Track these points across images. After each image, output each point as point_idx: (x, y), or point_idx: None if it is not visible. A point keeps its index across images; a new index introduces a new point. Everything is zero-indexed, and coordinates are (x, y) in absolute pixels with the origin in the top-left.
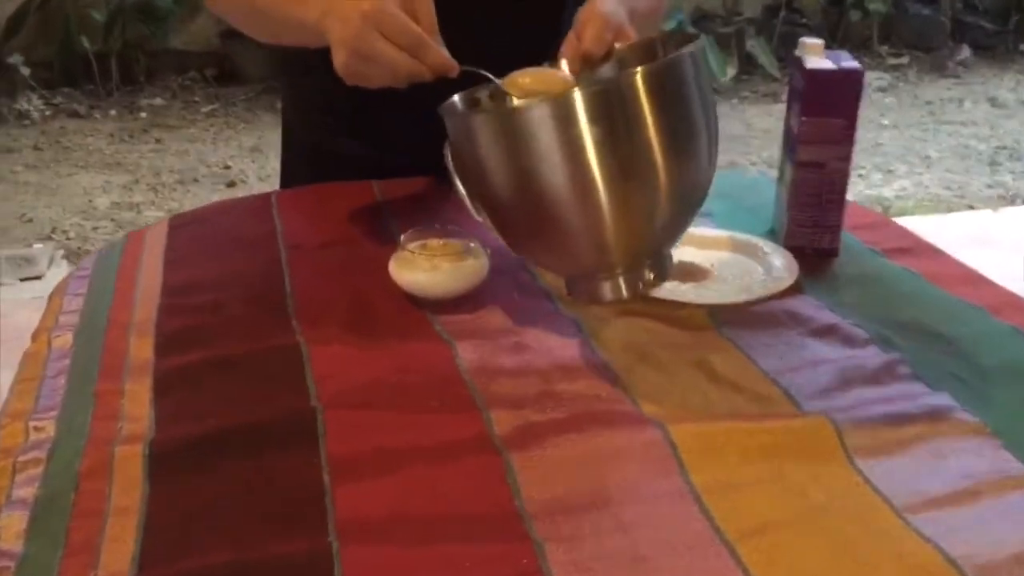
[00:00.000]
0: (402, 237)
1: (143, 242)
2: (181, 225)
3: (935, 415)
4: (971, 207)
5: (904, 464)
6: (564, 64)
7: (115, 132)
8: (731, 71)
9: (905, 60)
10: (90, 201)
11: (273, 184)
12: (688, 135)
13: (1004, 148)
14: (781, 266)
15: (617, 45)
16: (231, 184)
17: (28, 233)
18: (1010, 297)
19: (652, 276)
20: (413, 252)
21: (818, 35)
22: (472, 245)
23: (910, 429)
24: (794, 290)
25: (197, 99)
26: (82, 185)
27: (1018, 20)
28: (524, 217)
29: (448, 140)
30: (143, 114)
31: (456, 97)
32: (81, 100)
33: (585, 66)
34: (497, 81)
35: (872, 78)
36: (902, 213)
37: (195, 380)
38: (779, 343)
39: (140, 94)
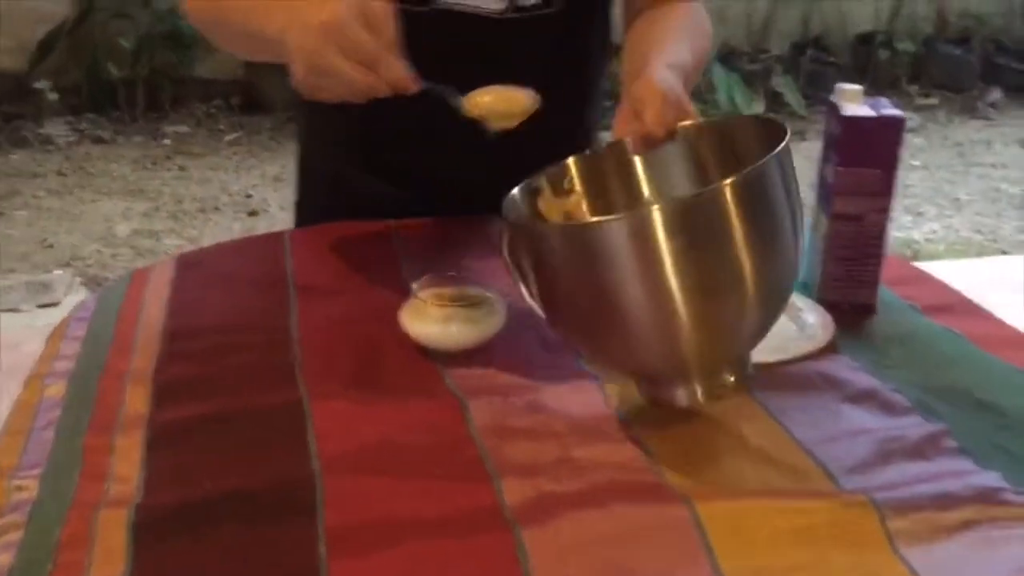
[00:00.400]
0: (414, 285)
1: (147, 281)
2: (189, 264)
3: (985, 496)
4: (1003, 252)
5: (952, 553)
6: (630, 144)
7: (138, 159)
8: (757, 108)
9: (935, 101)
10: (110, 228)
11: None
12: (775, 239)
13: None
14: (816, 323)
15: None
16: (252, 213)
17: (47, 259)
18: None
19: (732, 380)
20: (425, 301)
21: (846, 74)
22: (488, 295)
23: (958, 513)
24: (829, 349)
25: (222, 127)
26: (103, 212)
27: None
28: (593, 327)
29: (505, 230)
30: (167, 141)
31: (516, 191)
32: (106, 126)
33: (647, 147)
34: (458, 97)
35: (842, 84)
36: (932, 257)
37: (189, 437)
38: (814, 408)
39: (165, 121)
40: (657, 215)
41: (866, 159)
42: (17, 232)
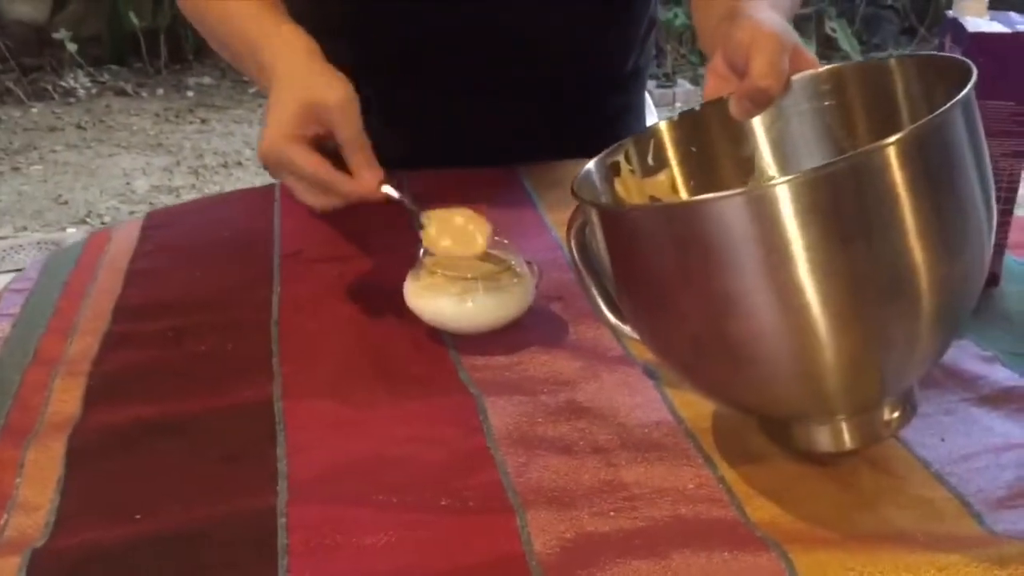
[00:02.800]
0: (422, 251)
1: (106, 245)
2: (158, 224)
3: None
4: None
5: None
6: (733, 104)
7: (160, 112)
8: (810, 53)
9: None
10: (128, 184)
11: None
12: (960, 222)
13: None
14: None
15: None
16: None
17: (62, 216)
18: None
19: (896, 416)
20: (436, 271)
21: (903, 18)
22: (514, 262)
23: None
24: None
25: (246, 79)
26: (122, 167)
27: None
28: (698, 341)
29: (574, 223)
30: (190, 93)
31: (592, 165)
32: (128, 78)
33: (756, 105)
34: (419, 218)
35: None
36: None
37: (122, 450)
38: (939, 415)
39: (188, 72)
40: (785, 192)
41: (998, 89)
42: (31, 188)
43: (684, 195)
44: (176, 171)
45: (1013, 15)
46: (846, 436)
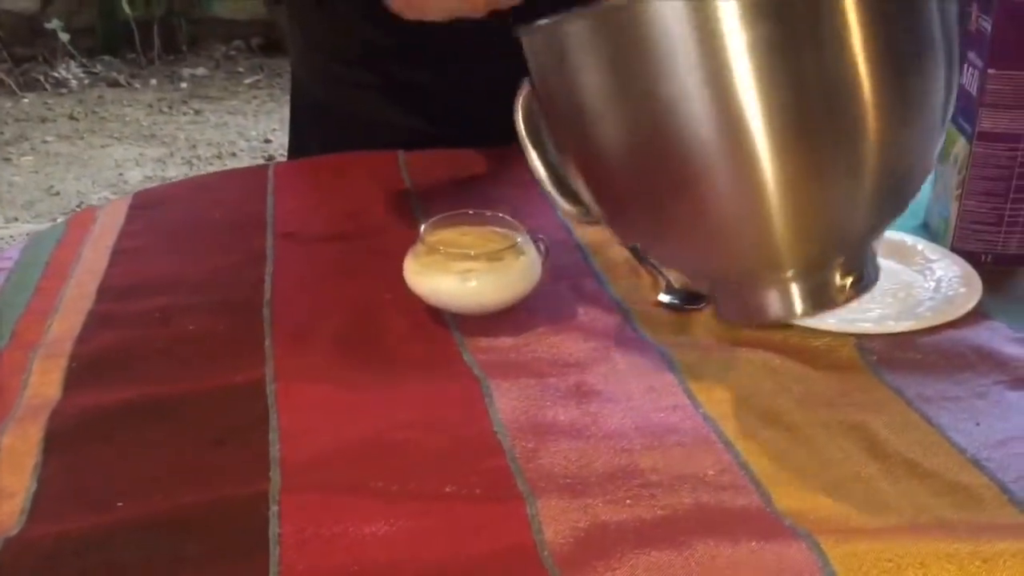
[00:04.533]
0: (423, 227)
1: (92, 224)
2: (147, 203)
3: None
4: None
5: None
6: None
7: (154, 102)
8: None
9: None
10: (121, 175)
11: None
12: (915, 52)
13: None
14: (955, 278)
15: None
16: (270, 159)
17: (53, 207)
18: None
19: (850, 280)
20: (437, 248)
21: None
22: (520, 239)
23: None
24: (976, 314)
25: (241, 69)
26: (114, 157)
27: None
28: (644, 186)
29: (522, 87)
30: (184, 84)
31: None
32: (121, 68)
33: None
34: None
35: None
36: None
37: (102, 434)
38: (972, 398)
39: (182, 63)
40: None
41: None
42: (22, 179)
43: None
44: (169, 162)
45: None
46: (796, 299)
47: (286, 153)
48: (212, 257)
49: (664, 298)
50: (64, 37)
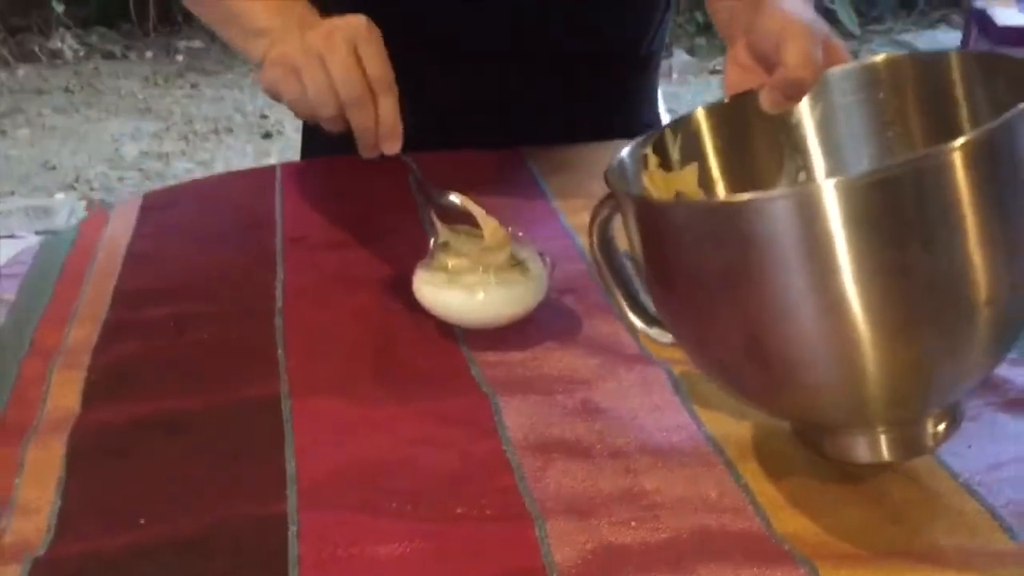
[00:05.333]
0: (432, 241)
1: (104, 226)
2: (157, 206)
3: None
4: None
5: None
6: (764, 96)
7: (149, 75)
8: None
9: None
10: (117, 149)
11: None
12: (1014, 238)
13: None
14: None
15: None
16: (267, 135)
17: (50, 181)
18: None
19: (941, 428)
20: (446, 263)
21: None
22: (526, 253)
23: None
24: None
25: None
26: (110, 131)
27: None
28: (737, 344)
29: (598, 217)
30: (180, 57)
31: (624, 155)
32: (117, 40)
33: (789, 98)
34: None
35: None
36: None
37: (128, 447)
38: (964, 421)
39: (178, 35)
40: (833, 193)
41: None
42: (18, 152)
43: (720, 190)
44: (166, 137)
45: None
46: (884, 448)
47: (283, 129)
48: (223, 263)
49: None
50: (59, 8)
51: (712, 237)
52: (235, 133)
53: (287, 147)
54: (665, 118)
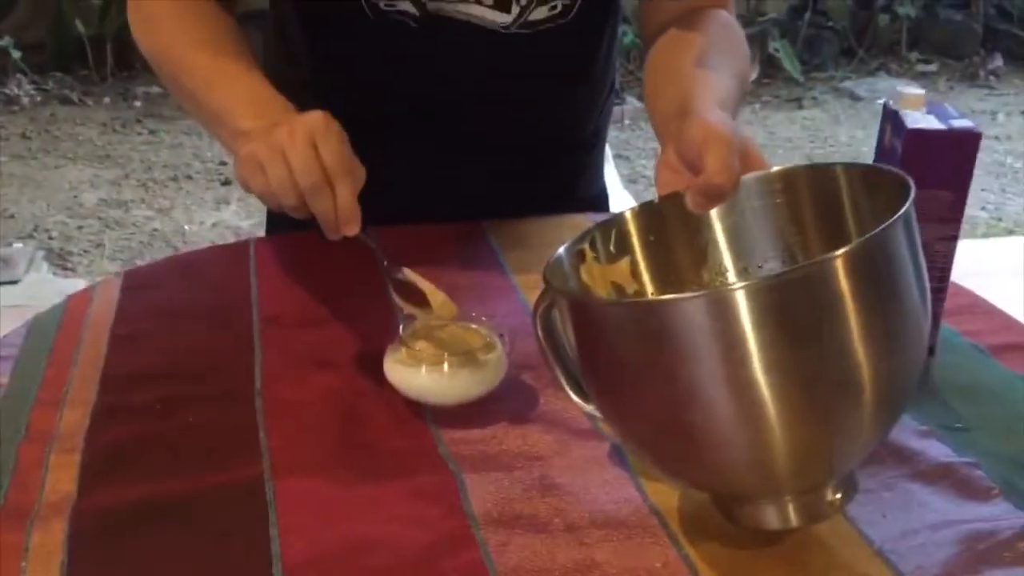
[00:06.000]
0: (401, 327)
1: (88, 306)
2: (137, 285)
3: None
4: (1010, 231)
5: None
6: (688, 198)
7: (107, 121)
8: (753, 74)
9: (934, 67)
10: (76, 197)
11: None
12: (901, 324)
13: None
14: None
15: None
16: (226, 182)
17: (8, 230)
18: None
19: (839, 496)
20: (415, 346)
21: (843, 39)
22: (489, 337)
23: None
24: None
25: None
26: (69, 179)
27: None
28: (659, 425)
29: (537, 310)
30: (137, 103)
31: (562, 251)
32: (74, 86)
33: (709, 201)
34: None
35: (899, 86)
36: None
37: (124, 531)
38: (879, 489)
39: (135, 81)
40: (743, 296)
41: (935, 180)
42: None
43: (646, 282)
44: (125, 184)
45: (948, 108)
46: (792, 515)
47: None
48: (203, 345)
49: None
50: (15, 54)
51: (632, 330)
52: (194, 180)
53: (246, 194)
54: (613, 174)
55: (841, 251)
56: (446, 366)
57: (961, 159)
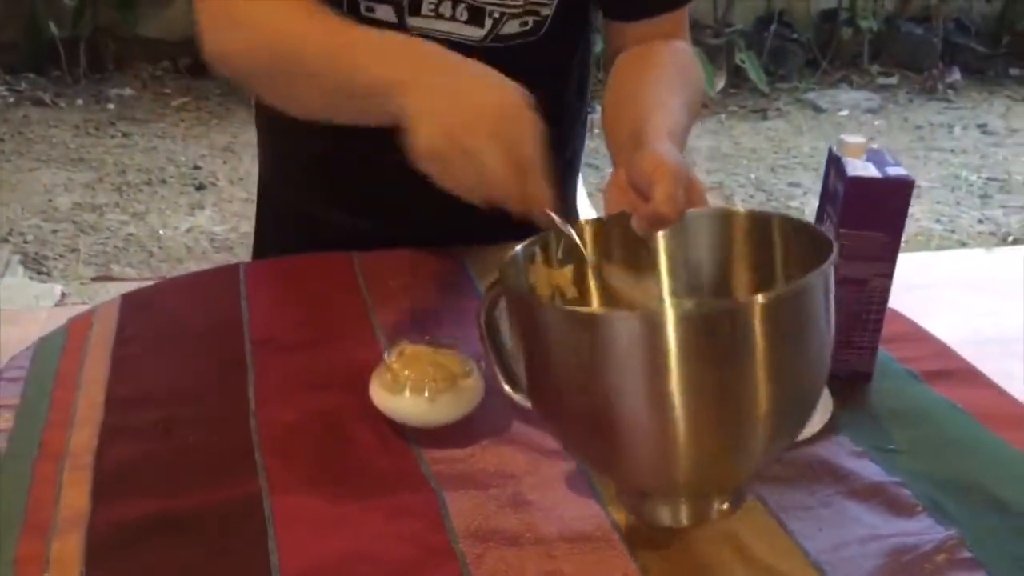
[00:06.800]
0: (385, 355)
1: (89, 330)
2: (135, 307)
3: None
4: (963, 244)
5: None
6: (634, 221)
7: (80, 124)
8: (719, 84)
9: (895, 80)
10: (50, 200)
11: (246, 187)
12: (801, 367)
13: (995, 180)
14: None
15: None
16: (200, 187)
17: None
18: None
19: (725, 507)
20: (399, 374)
21: (807, 51)
22: (468, 362)
23: None
24: (826, 427)
25: (168, 91)
26: (43, 182)
27: (1009, 42)
28: (581, 421)
29: (484, 302)
30: (111, 105)
31: (517, 250)
32: (46, 87)
33: (652, 227)
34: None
35: (861, 98)
36: None
37: (135, 544)
38: (817, 506)
39: (108, 83)
40: (671, 320)
41: (872, 223)
42: None
43: (589, 290)
44: (99, 188)
45: (887, 155)
46: (683, 515)
47: (216, 181)
48: (199, 368)
49: None
50: None
51: (567, 336)
52: (168, 184)
53: (221, 199)
54: (582, 193)
55: (761, 297)
56: (427, 391)
57: (896, 204)
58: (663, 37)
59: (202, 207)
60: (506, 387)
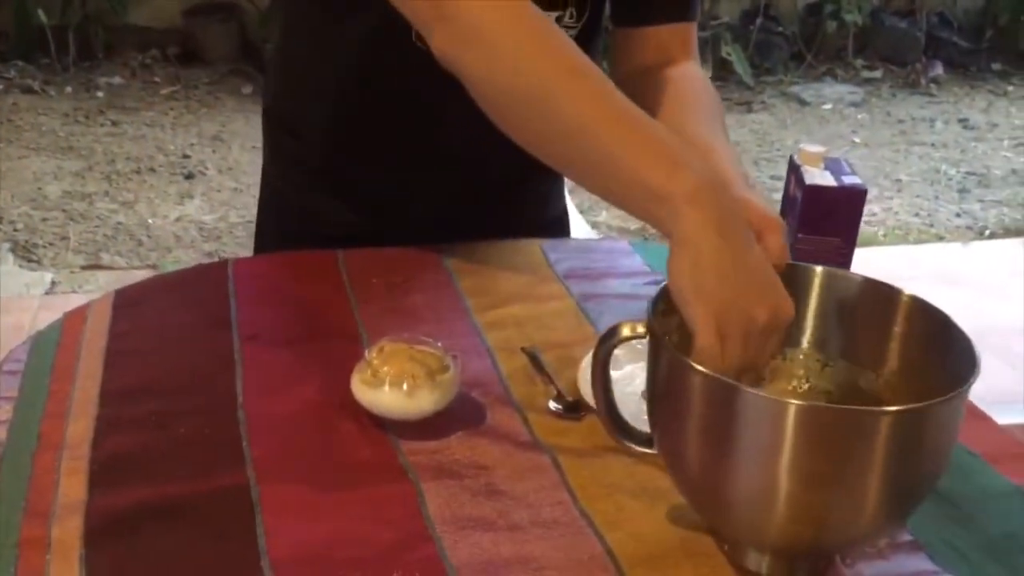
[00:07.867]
0: (367, 351)
1: (83, 324)
2: (127, 303)
3: None
4: (940, 238)
5: None
6: None
7: (70, 112)
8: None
9: (879, 74)
10: (40, 188)
11: (235, 177)
12: (920, 478)
13: (973, 174)
14: None
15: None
16: (189, 176)
17: None
18: (1009, 444)
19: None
20: (379, 369)
21: (792, 44)
22: (445, 358)
23: None
24: None
25: (157, 79)
26: (32, 170)
27: (992, 37)
28: (697, 476)
29: (600, 351)
30: (100, 93)
31: (652, 296)
32: (35, 75)
33: None
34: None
35: (844, 92)
36: (871, 243)
37: (132, 529)
38: None
39: (97, 71)
40: (794, 411)
41: (827, 228)
42: None
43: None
44: (89, 176)
45: (843, 163)
46: (764, 568)
47: (205, 170)
48: (190, 362)
49: (553, 406)
50: None
51: (711, 400)
52: (157, 173)
53: (210, 188)
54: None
55: (892, 410)
56: (405, 385)
57: (850, 211)
58: (672, 53)
59: (191, 196)
60: (620, 439)
